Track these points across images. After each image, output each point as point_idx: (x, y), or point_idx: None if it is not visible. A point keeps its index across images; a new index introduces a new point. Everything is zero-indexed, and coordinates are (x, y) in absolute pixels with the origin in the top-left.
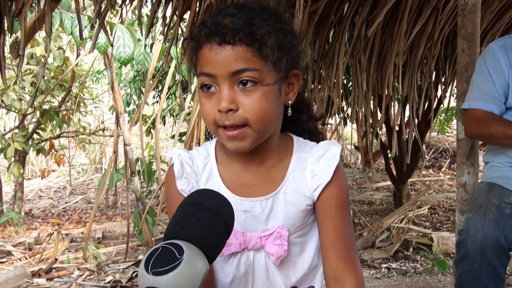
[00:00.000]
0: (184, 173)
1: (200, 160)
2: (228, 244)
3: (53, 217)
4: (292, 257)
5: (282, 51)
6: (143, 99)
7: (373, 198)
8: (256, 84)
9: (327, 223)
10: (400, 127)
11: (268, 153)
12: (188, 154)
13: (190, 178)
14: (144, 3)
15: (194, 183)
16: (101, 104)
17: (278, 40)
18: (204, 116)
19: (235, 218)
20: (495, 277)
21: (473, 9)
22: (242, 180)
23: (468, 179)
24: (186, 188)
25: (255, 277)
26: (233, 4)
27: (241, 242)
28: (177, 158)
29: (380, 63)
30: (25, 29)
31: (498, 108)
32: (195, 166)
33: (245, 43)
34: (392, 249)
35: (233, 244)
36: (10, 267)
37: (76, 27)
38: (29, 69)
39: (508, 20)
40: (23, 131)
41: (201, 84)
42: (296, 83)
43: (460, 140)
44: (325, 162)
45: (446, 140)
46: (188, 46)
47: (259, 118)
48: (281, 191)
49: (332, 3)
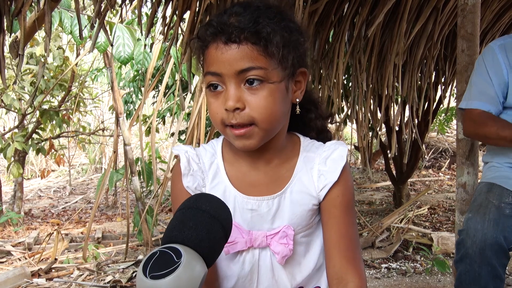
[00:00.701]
0: (190, 170)
1: (206, 157)
2: (234, 242)
3: (52, 217)
4: (297, 256)
5: (288, 49)
6: (142, 99)
7: (373, 198)
8: (263, 83)
9: (332, 223)
10: (400, 127)
11: (275, 151)
12: (195, 151)
13: (196, 176)
14: (144, 2)
15: (200, 180)
16: (101, 104)
17: (284, 38)
18: (212, 115)
19: (241, 216)
20: (494, 277)
21: (472, 9)
22: (249, 179)
23: (468, 179)
24: (192, 185)
25: (260, 276)
26: (238, 3)
27: (247, 240)
28: (184, 155)
29: (380, 63)
30: (24, 28)
31: (495, 108)
32: (202, 163)
33: (251, 42)
34: (392, 249)
35: (239, 242)
36: (10, 267)
37: (76, 27)
38: (29, 69)
39: (507, 20)
40: (22, 131)
41: (208, 83)
42: (304, 81)
43: (459, 140)
44: (332, 162)
45: (446, 140)
46: (195, 46)
47: (266, 116)
48: (288, 191)
49: (332, 3)
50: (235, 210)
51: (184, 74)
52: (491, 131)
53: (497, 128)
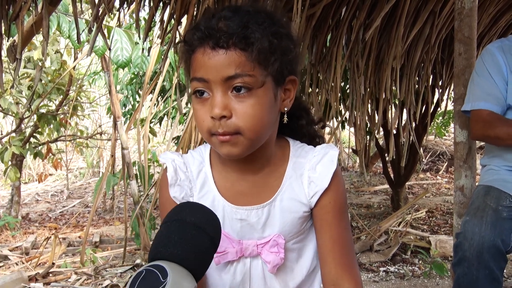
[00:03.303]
0: (177, 180)
1: (194, 165)
2: (225, 252)
3: (50, 221)
4: (289, 263)
5: (277, 55)
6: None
7: (371, 202)
8: (250, 90)
9: (325, 230)
10: (398, 131)
11: (264, 160)
12: (182, 159)
13: (183, 185)
14: (142, 6)
15: (187, 190)
16: (99, 107)
17: (273, 44)
18: (198, 123)
19: (231, 226)
20: (492, 280)
21: (469, 13)
22: (238, 188)
23: (466, 182)
24: (179, 196)
25: (252, 285)
26: (228, 7)
27: (237, 250)
28: (171, 164)
29: (378, 66)
30: (22, 32)
31: (501, 108)
32: (189, 172)
33: (239, 48)
34: (390, 252)
35: (230, 252)
36: (7, 272)
37: (74, 31)
38: (27, 73)
39: (504, 24)
40: (20, 135)
41: (194, 89)
42: (293, 89)
43: (457, 143)
44: (323, 168)
45: (443, 143)
46: (182, 50)
47: (252, 125)
48: (277, 199)
49: (330, 7)
50: (225, 220)
51: (182, 78)
52: (502, 131)
53: (508, 128)
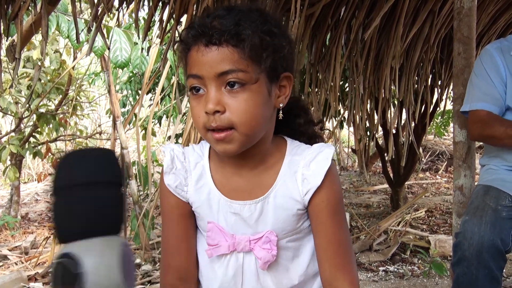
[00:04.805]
0: (173, 168)
1: (193, 157)
2: (217, 245)
3: (49, 221)
4: (284, 261)
5: (269, 52)
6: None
7: (370, 201)
8: (244, 86)
9: (320, 229)
10: (397, 130)
11: (260, 157)
12: (182, 150)
13: (178, 174)
14: (141, 6)
15: (182, 179)
16: (98, 107)
17: (265, 41)
18: (194, 119)
19: (225, 219)
20: (491, 280)
21: (469, 12)
22: (233, 184)
23: (465, 181)
24: (173, 184)
25: (244, 280)
26: (223, 7)
27: (230, 244)
28: (169, 152)
29: (377, 66)
30: (21, 32)
31: (499, 109)
32: (187, 162)
33: (231, 44)
34: (389, 252)
35: (222, 246)
36: (6, 272)
37: (73, 31)
38: (26, 72)
39: (503, 24)
40: (19, 135)
41: (190, 86)
42: (288, 86)
43: (456, 143)
44: (316, 165)
45: (442, 143)
46: (178, 49)
47: (246, 120)
48: (271, 195)
49: (329, 7)
50: (219, 213)
51: (181, 78)
52: (499, 131)
53: (505, 128)
